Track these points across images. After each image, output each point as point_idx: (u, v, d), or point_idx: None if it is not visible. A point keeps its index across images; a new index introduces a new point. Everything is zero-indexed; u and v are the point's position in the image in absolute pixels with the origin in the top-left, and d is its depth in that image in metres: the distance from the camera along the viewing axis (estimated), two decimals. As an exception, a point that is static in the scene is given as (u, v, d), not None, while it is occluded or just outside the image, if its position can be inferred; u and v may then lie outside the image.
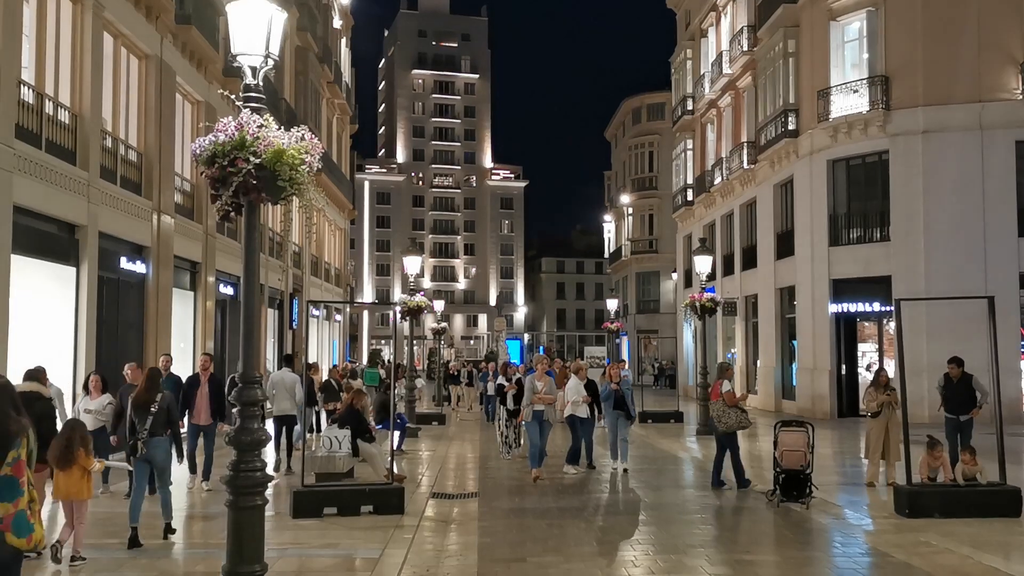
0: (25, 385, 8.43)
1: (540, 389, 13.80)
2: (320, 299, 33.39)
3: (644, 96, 57.23)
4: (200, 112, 20.63)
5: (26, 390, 8.17)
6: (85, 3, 14.81)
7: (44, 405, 8.56)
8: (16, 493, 4.29)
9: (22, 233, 12.77)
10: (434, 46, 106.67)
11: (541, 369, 14.44)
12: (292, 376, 14.43)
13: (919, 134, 23.28)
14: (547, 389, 13.94)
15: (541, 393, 13.77)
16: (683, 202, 40.21)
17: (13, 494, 4.28)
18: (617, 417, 14.15)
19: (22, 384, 8.36)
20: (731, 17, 33.47)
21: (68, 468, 7.63)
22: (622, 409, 14.10)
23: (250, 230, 6.75)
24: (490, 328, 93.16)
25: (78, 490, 7.68)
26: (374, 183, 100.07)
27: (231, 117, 6.48)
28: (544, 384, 13.92)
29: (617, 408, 14.11)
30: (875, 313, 24.85)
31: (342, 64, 38.08)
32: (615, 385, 14.17)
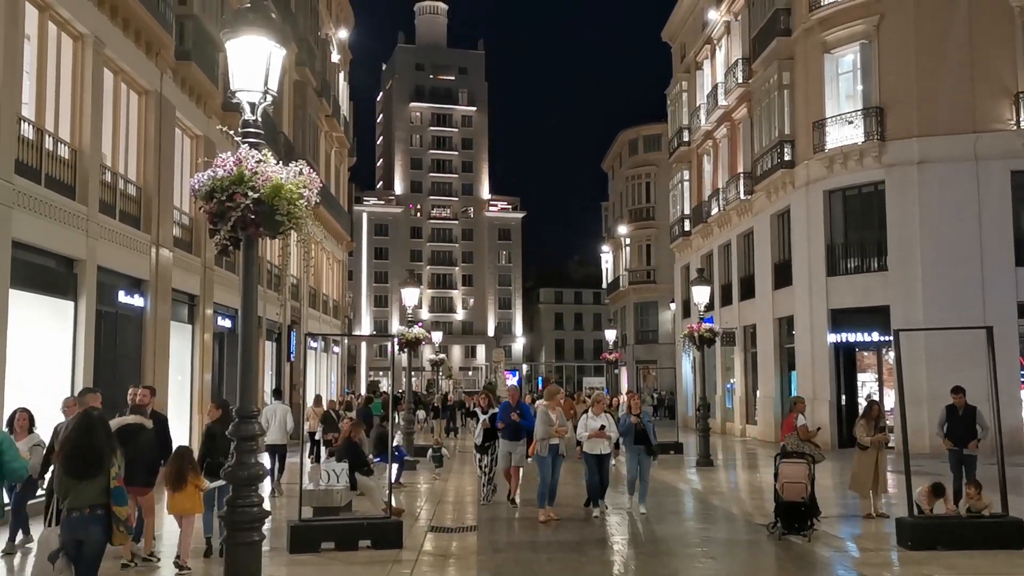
0: (131, 418, 9.42)
1: (554, 419, 12.86)
2: (318, 331, 33.34)
3: (640, 128, 57.65)
4: (199, 146, 20.73)
5: (131, 422, 9.25)
6: (86, 40, 14.92)
7: (147, 435, 9.40)
8: (124, 498, 6.11)
9: (21, 268, 12.77)
10: (431, 79, 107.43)
11: (554, 400, 13.26)
12: (284, 407, 16.17)
13: (914, 165, 23.41)
14: (560, 420, 13.02)
15: (556, 425, 12.83)
16: (680, 232, 40.32)
17: (124, 499, 6.09)
18: (639, 453, 13.15)
19: (128, 417, 9.44)
20: (726, 50, 33.78)
21: (181, 488, 8.95)
22: (644, 444, 13.11)
23: (248, 264, 6.76)
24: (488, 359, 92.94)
25: (191, 506, 9.06)
26: (372, 215, 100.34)
27: (230, 152, 6.52)
28: (556, 415, 12.95)
29: (639, 443, 13.10)
30: (874, 343, 24.83)
31: (340, 98, 38.32)
32: (635, 418, 13.20)
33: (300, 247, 7.44)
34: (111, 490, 6.00)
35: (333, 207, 35.60)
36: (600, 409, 13.14)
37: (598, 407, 13.20)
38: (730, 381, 34.13)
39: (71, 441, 6.23)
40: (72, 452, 6.14)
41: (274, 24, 6.74)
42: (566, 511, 13.15)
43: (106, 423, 6.57)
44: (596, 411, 13.06)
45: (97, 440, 6.16)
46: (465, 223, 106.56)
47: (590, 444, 12.71)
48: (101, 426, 6.35)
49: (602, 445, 12.72)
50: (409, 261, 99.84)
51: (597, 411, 13.06)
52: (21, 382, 12.67)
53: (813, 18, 25.50)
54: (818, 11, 25.29)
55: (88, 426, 6.26)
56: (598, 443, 12.68)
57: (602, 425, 12.68)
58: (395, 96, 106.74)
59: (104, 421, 6.55)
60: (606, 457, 12.94)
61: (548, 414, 12.79)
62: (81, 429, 6.25)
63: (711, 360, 33.20)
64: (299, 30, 28.74)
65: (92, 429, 6.25)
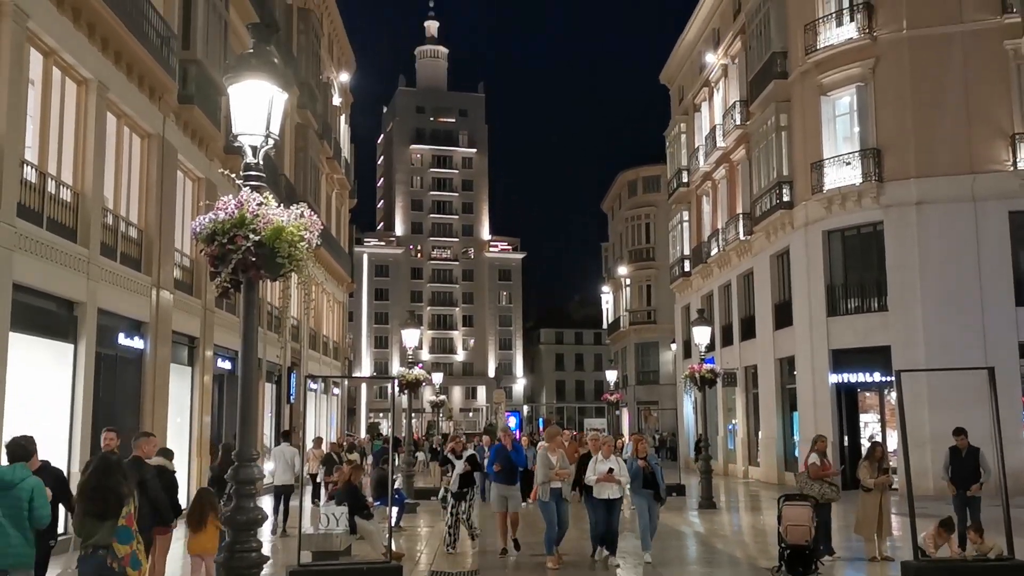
0: (156, 460, 9.51)
1: (555, 463, 12.32)
2: (318, 373, 33.24)
3: (639, 169, 57.98)
4: (201, 189, 20.83)
5: (157, 463, 9.42)
6: (89, 85, 15.07)
7: (170, 476, 9.59)
8: (130, 537, 6.48)
9: (21, 310, 12.77)
10: (432, 121, 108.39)
11: (555, 441, 12.82)
12: (291, 449, 16.49)
13: (912, 205, 23.51)
14: (561, 463, 12.44)
15: (556, 468, 12.29)
16: (680, 273, 40.38)
17: (129, 538, 6.47)
18: (647, 498, 12.62)
19: (153, 459, 9.51)
20: (723, 92, 34.09)
21: (202, 528, 9.14)
22: (652, 488, 12.62)
23: (248, 306, 6.76)
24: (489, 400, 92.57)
25: (212, 547, 8.88)
26: (372, 256, 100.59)
27: (231, 195, 6.55)
28: (558, 458, 12.41)
29: (647, 487, 12.60)
30: (876, 383, 24.74)
31: (342, 140, 38.61)
32: (643, 461, 12.65)
33: (301, 289, 7.44)
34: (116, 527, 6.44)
35: (334, 249, 35.71)
36: (608, 452, 12.58)
37: (606, 449, 12.61)
38: (732, 422, 33.96)
39: (92, 482, 6.66)
40: (93, 493, 6.58)
41: (276, 69, 6.80)
42: (571, 557, 12.68)
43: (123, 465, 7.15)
44: (604, 454, 12.49)
45: (116, 481, 6.64)
46: (465, 264, 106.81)
47: (599, 488, 12.20)
48: (120, 468, 6.87)
49: (611, 489, 12.20)
50: (409, 302, 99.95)
51: (606, 454, 12.49)
52: (20, 425, 12.59)
53: (809, 61, 25.77)
54: (814, 55, 25.56)
55: (108, 468, 6.73)
56: (607, 487, 12.18)
57: (611, 468, 12.16)
58: (396, 138, 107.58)
59: (122, 463, 7.12)
60: (616, 502, 12.40)
61: (548, 456, 12.33)
62: (101, 471, 6.71)
63: (712, 401, 33.07)
64: (301, 74, 29.05)
65: (112, 471, 6.71)
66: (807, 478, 12.23)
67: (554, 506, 12.16)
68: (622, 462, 12.63)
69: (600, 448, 12.75)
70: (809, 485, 12.16)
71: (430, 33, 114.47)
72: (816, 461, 12.43)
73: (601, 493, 12.19)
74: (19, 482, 6.83)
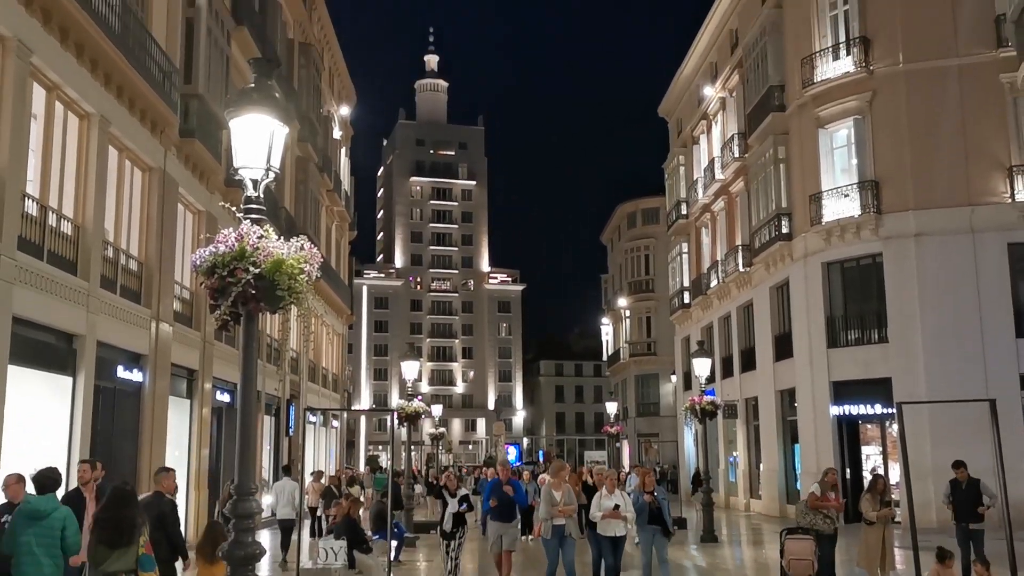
0: None
1: (559, 499, 11.78)
2: (317, 406, 33.13)
3: (639, 201, 58.19)
4: (201, 222, 20.89)
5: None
6: (92, 119, 15.16)
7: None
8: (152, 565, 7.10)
9: (20, 343, 12.75)
10: (432, 154, 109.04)
11: (559, 476, 12.25)
12: (293, 483, 16.67)
13: (911, 237, 23.57)
14: (566, 499, 11.92)
15: (560, 504, 11.74)
16: (680, 304, 40.40)
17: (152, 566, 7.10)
18: (654, 534, 12.19)
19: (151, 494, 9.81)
20: (722, 125, 34.31)
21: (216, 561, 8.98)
22: (659, 524, 12.17)
23: (248, 339, 6.75)
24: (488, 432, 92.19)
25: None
26: (372, 288, 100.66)
27: (232, 228, 6.57)
28: (562, 493, 11.88)
29: (653, 523, 12.14)
30: (877, 415, 24.64)
31: (342, 173, 38.79)
32: (649, 496, 12.21)
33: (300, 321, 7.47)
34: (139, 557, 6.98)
35: (333, 281, 35.74)
36: (612, 487, 12.09)
37: (610, 484, 12.10)
38: (733, 454, 33.80)
39: (106, 512, 7.16)
40: (106, 523, 7.07)
41: (277, 103, 6.85)
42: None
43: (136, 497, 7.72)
44: (608, 489, 12.00)
45: (130, 512, 7.12)
46: (465, 296, 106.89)
47: (603, 525, 11.77)
48: (133, 500, 7.38)
49: (617, 526, 11.77)
50: (409, 334, 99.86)
51: (610, 488, 12.00)
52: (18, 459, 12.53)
53: (806, 95, 25.96)
54: (811, 88, 25.75)
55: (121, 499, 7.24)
56: (612, 524, 11.74)
57: (616, 504, 11.72)
58: (396, 171, 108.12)
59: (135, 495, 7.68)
60: (622, 539, 11.97)
61: (551, 492, 11.85)
62: (114, 501, 7.22)
63: (713, 433, 32.94)
64: (302, 108, 29.25)
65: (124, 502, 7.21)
66: (805, 507, 12.21)
67: (556, 544, 11.71)
68: (627, 497, 12.28)
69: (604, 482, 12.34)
70: (804, 514, 12.14)
71: (430, 67, 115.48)
72: (815, 491, 12.41)
73: (606, 531, 11.77)
74: (51, 512, 7.33)
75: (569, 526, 11.79)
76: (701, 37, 37.01)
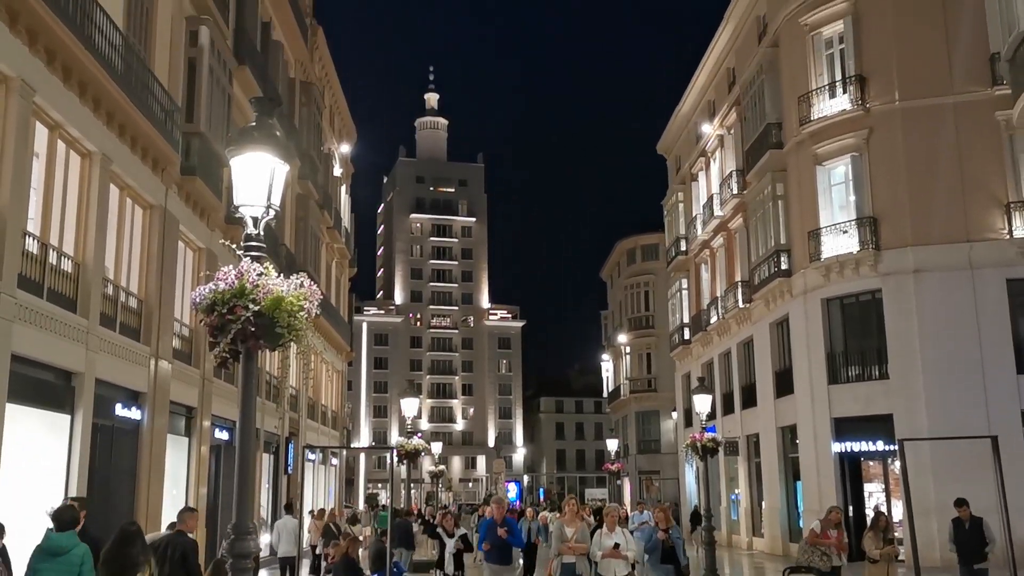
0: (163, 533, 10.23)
1: (570, 536, 11.30)
2: (316, 443, 32.94)
3: (638, 237, 58.36)
4: (201, 259, 20.91)
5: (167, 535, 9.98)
6: (93, 157, 15.24)
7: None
8: None
9: (18, 381, 12.71)
10: (432, 191, 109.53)
11: (570, 512, 11.78)
12: (295, 521, 17.07)
13: (910, 273, 23.59)
14: (579, 536, 11.39)
15: (571, 541, 11.26)
16: (680, 341, 40.34)
17: None
18: (667, 574, 11.75)
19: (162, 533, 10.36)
20: (720, 162, 34.50)
21: None
22: (672, 563, 11.69)
23: (247, 377, 6.73)
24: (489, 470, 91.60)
25: None
26: (372, 325, 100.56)
27: (232, 266, 6.58)
28: (575, 531, 11.38)
29: (666, 562, 11.68)
30: (879, 452, 24.48)
31: (342, 210, 38.93)
32: (664, 533, 11.77)
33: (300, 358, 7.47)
34: None
35: (333, 318, 35.72)
36: (613, 524, 11.47)
37: (611, 521, 11.50)
38: (735, 492, 33.56)
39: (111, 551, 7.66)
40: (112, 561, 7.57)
41: (278, 141, 6.89)
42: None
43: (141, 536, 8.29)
44: (609, 526, 11.42)
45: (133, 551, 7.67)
46: (465, 332, 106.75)
47: (604, 565, 11.19)
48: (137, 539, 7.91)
49: (618, 566, 11.16)
50: (409, 371, 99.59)
51: (611, 526, 11.41)
52: (14, 497, 12.45)
53: (804, 132, 26.14)
54: (808, 125, 25.93)
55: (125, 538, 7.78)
56: (613, 564, 11.14)
57: (616, 543, 11.18)
58: (396, 207, 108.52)
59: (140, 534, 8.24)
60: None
61: (563, 529, 11.33)
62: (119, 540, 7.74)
63: (715, 470, 32.73)
64: (302, 145, 29.44)
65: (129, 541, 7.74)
66: (806, 545, 12.17)
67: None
68: (629, 535, 11.83)
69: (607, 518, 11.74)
70: (804, 552, 12.09)
71: (430, 105, 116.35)
72: (816, 528, 12.34)
73: (607, 571, 11.17)
74: (71, 548, 7.68)
75: (580, 566, 11.29)
76: (699, 75, 37.35)
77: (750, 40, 31.32)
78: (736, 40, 32.95)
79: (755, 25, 31.00)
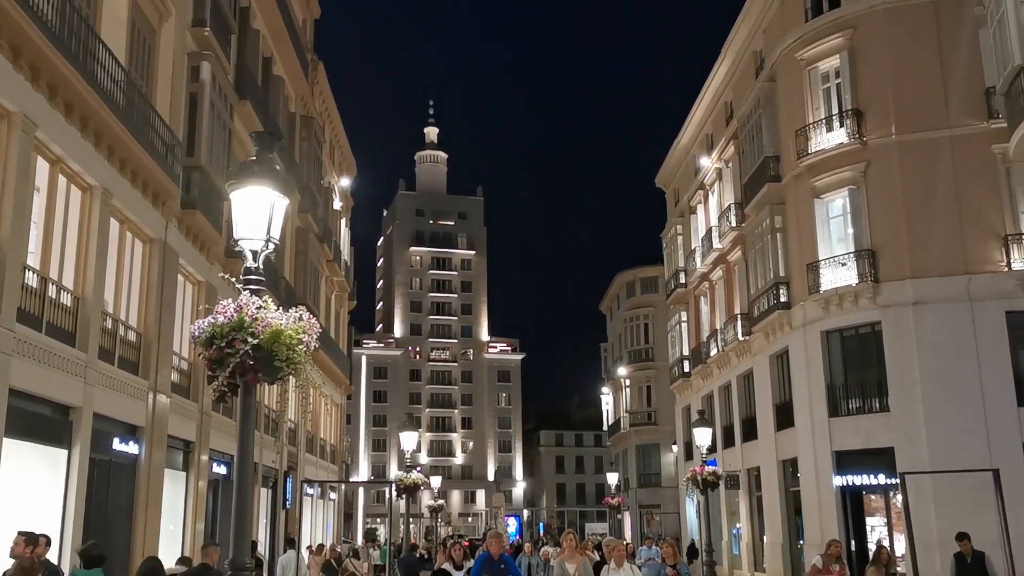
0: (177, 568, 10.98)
1: (572, 573, 11.06)
2: (315, 478, 32.75)
3: (637, 270, 58.45)
4: (201, 292, 20.92)
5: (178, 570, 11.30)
6: (94, 191, 15.29)
7: None
8: None
9: (15, 415, 12.65)
10: (431, 224, 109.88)
11: (569, 547, 11.43)
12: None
13: (909, 306, 23.59)
14: (581, 572, 11.17)
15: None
16: (680, 373, 40.26)
17: None
18: None
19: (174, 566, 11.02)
20: (718, 195, 34.65)
21: None
22: None
23: (246, 410, 6.72)
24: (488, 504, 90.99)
25: None
26: (371, 358, 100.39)
27: (231, 299, 6.59)
28: (577, 566, 11.13)
29: None
30: (881, 486, 24.31)
31: (342, 243, 39.02)
32: (672, 570, 11.77)
33: (299, 392, 7.42)
34: None
35: (332, 351, 35.66)
36: (621, 559, 11.34)
37: (619, 556, 11.36)
38: (736, 526, 33.31)
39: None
40: None
41: (278, 175, 6.93)
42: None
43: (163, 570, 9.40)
44: (618, 561, 11.25)
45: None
46: (464, 365, 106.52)
47: None
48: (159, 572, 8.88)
49: None
50: (408, 404, 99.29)
51: (619, 561, 11.24)
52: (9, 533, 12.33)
53: (801, 165, 26.27)
54: (806, 159, 26.07)
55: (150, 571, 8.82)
56: None
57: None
58: (396, 240, 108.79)
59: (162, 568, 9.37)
60: None
61: (564, 565, 11.13)
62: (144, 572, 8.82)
63: (716, 504, 32.52)
64: (303, 179, 29.57)
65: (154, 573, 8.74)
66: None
67: None
68: (637, 571, 11.66)
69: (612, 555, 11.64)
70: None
71: (430, 138, 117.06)
72: (817, 563, 12.23)
73: None
74: None
75: None
76: (697, 109, 37.62)
77: (747, 74, 31.59)
78: (733, 74, 33.23)
79: (752, 60, 31.29)
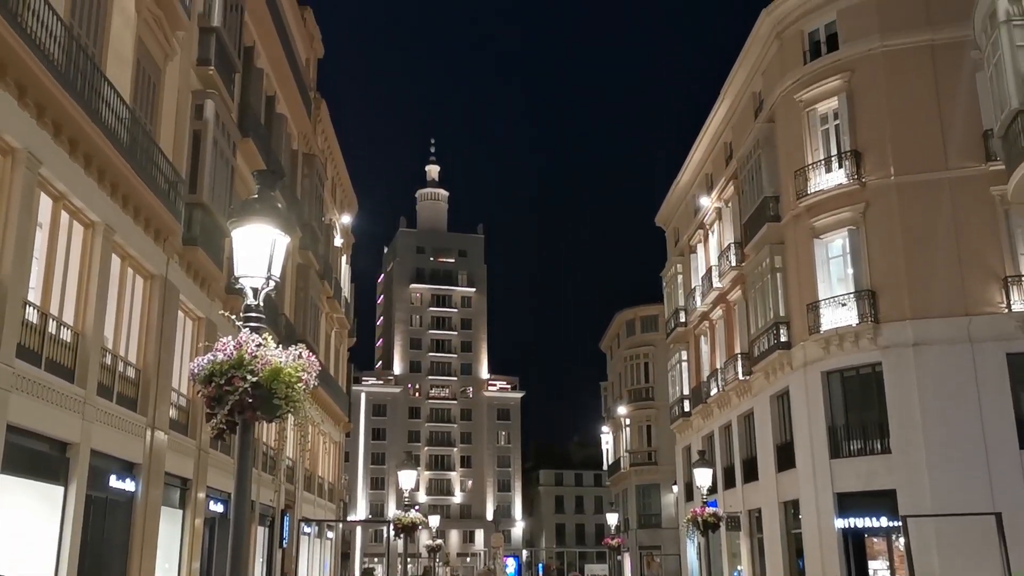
0: None
1: None
2: (312, 516, 32.49)
3: (637, 309, 58.49)
4: (201, 329, 20.90)
5: None
6: (96, 228, 15.33)
7: None
8: None
9: (12, 451, 12.56)
10: (432, 261, 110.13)
11: None
12: None
13: (910, 347, 23.55)
14: None
15: None
16: (680, 413, 40.09)
17: None
18: None
19: None
20: (718, 234, 34.75)
21: None
22: None
23: (244, 448, 6.70)
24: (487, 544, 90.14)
25: None
26: (370, 395, 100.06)
27: (231, 336, 6.59)
28: None
29: None
30: (883, 528, 24.06)
31: (342, 280, 39.07)
32: None
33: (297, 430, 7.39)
34: None
35: (332, 388, 35.55)
36: None
37: None
38: (737, 568, 32.95)
39: None
40: None
41: (279, 213, 6.97)
42: None
43: None
44: None
45: None
46: (464, 403, 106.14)
47: None
48: None
49: None
50: (407, 442, 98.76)
51: None
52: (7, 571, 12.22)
53: (801, 205, 26.38)
54: (805, 199, 26.19)
55: None
56: None
57: None
58: (396, 277, 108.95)
59: None
60: None
61: None
62: None
63: (716, 546, 32.21)
64: (304, 216, 29.69)
65: None
66: None
67: None
68: None
69: None
70: None
71: (431, 176, 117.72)
72: None
73: None
74: None
75: None
76: (696, 149, 37.87)
77: (746, 115, 31.84)
78: (733, 115, 33.50)
79: (751, 101, 31.55)
